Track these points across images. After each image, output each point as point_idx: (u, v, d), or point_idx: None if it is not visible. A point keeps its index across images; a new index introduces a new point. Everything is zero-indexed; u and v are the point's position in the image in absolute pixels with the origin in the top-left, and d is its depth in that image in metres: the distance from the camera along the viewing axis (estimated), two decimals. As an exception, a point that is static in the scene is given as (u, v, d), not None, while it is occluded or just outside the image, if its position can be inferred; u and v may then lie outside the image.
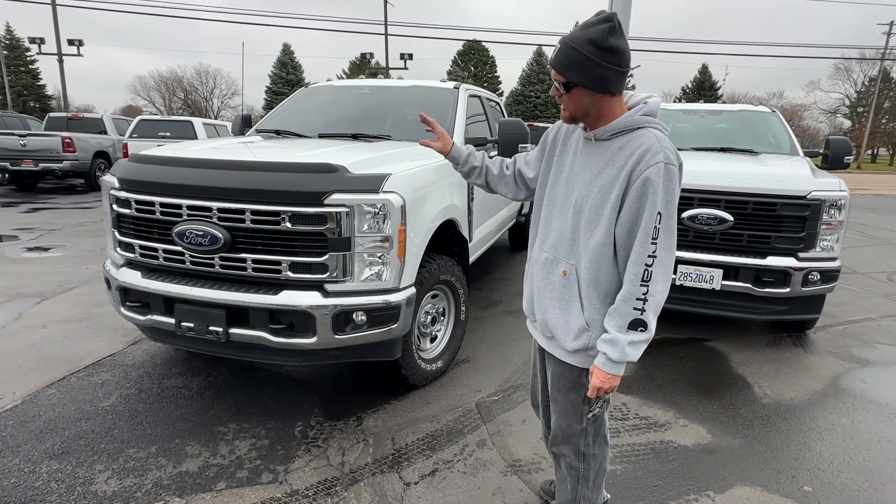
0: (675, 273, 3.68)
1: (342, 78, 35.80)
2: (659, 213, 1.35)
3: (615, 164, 1.42)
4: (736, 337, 3.99)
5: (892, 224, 10.51)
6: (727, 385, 3.23)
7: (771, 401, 3.04)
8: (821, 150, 4.75)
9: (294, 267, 2.42)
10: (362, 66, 33.72)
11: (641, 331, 1.39)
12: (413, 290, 2.66)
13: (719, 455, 2.49)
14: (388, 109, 4.04)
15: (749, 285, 3.56)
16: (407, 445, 2.50)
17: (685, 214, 3.62)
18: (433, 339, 3.21)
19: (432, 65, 69.99)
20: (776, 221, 3.53)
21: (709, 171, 3.80)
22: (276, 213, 2.36)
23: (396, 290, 2.56)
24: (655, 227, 1.35)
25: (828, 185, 3.53)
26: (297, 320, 2.44)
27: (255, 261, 2.44)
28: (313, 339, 2.42)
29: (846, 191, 3.52)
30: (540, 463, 2.40)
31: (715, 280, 3.60)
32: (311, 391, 3.01)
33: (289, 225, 2.35)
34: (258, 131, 4.00)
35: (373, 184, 2.44)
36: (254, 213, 2.38)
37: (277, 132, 3.84)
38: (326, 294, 2.42)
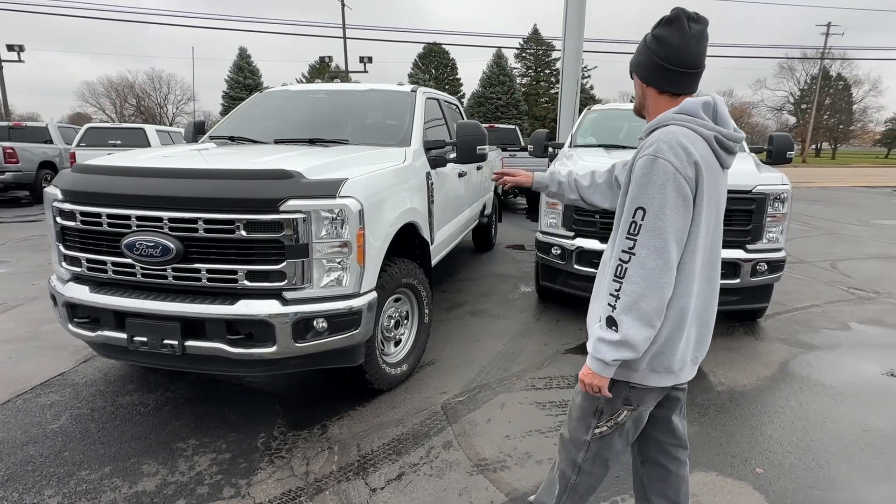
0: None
1: (302, 82, 35.26)
2: (641, 208, 1.27)
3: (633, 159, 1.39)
4: (692, 328, 4.13)
5: (836, 215, 11.08)
6: (684, 375, 3.33)
7: (725, 388, 3.16)
8: (765, 146, 4.97)
9: (251, 276, 2.38)
10: (322, 69, 33.31)
11: (613, 330, 1.31)
12: (374, 294, 2.65)
13: (677, 443, 2.57)
14: (346, 114, 4.01)
15: (702, 278, 3.69)
16: (373, 451, 2.49)
17: (640, 211, 3.73)
18: (397, 343, 3.21)
19: (393, 68, 69.80)
20: (725, 215, 3.66)
21: (661, 169, 3.93)
22: (231, 222, 2.31)
23: (357, 295, 2.54)
24: (634, 222, 1.28)
25: (771, 179, 3.70)
26: (256, 330, 2.39)
27: (209, 271, 2.38)
28: (273, 349, 2.38)
29: (788, 184, 3.69)
30: (505, 461, 2.42)
31: (670, 274, 3.71)
32: (273, 401, 2.96)
33: (244, 233, 2.31)
34: (211, 138, 3.91)
35: (329, 189, 2.42)
36: (207, 221, 2.32)
37: (232, 138, 3.76)
38: (285, 302, 2.39)
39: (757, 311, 4.18)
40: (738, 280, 3.66)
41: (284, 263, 2.35)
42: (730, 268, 3.66)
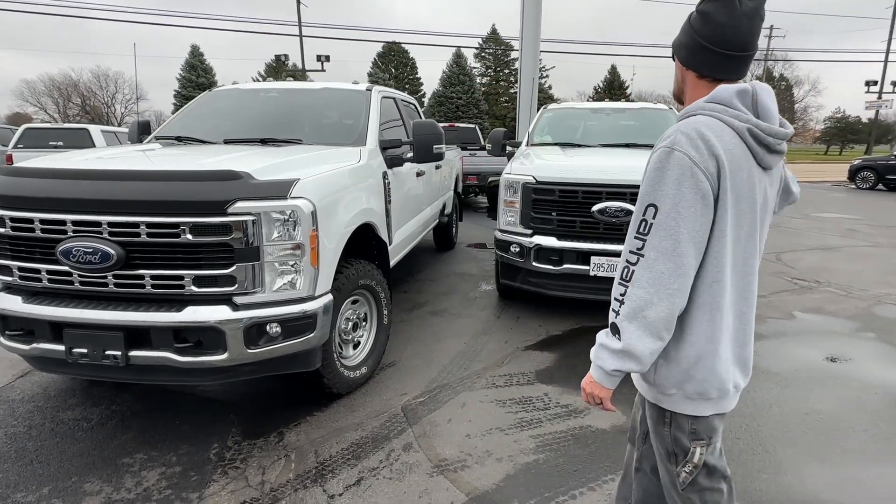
0: (589, 265, 3.86)
1: (258, 81, 34.46)
2: (653, 205, 1.12)
3: None
4: (647, 321, 4.24)
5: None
6: (640, 367, 3.41)
7: (678, 379, 3.25)
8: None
9: (198, 281, 2.28)
10: (278, 68, 32.62)
11: (616, 338, 1.16)
12: (330, 297, 2.60)
13: (633, 434, 2.63)
14: (299, 113, 3.92)
15: (655, 272, 3.79)
16: (331, 457, 2.44)
17: (595, 208, 3.80)
18: (356, 346, 3.16)
19: (352, 67, 69.07)
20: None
21: (615, 166, 4.02)
22: (175, 226, 2.21)
23: (312, 298, 2.49)
24: (645, 220, 1.13)
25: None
26: (205, 337, 2.31)
27: (154, 277, 2.28)
28: (224, 356, 2.30)
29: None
30: (466, 460, 2.41)
31: (625, 269, 3.79)
32: (227, 410, 2.86)
33: (190, 237, 2.22)
34: (157, 138, 3.75)
35: (280, 190, 2.36)
36: (150, 225, 2.22)
37: (179, 139, 3.62)
38: (236, 307, 2.31)
39: (708, 303, 4.32)
40: (689, 273, 3.77)
41: (234, 267, 2.27)
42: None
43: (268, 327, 2.36)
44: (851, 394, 3.06)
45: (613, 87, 45.30)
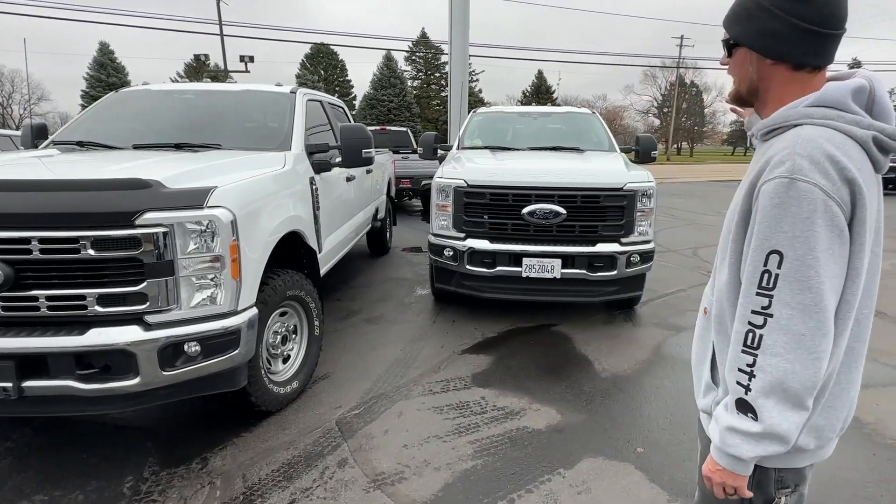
0: (521, 266, 3.92)
1: (176, 81, 32.56)
2: (776, 252, 0.91)
3: (751, 173, 1.01)
4: (578, 319, 4.37)
5: (694, 207, 12.42)
6: (572, 365, 3.51)
7: (609, 374, 3.36)
8: (633, 147, 5.41)
9: (104, 300, 2.09)
10: (198, 68, 31.00)
11: (751, 418, 0.96)
12: (255, 310, 2.46)
13: (568, 433, 2.68)
14: (218, 116, 3.71)
15: (584, 271, 3.92)
16: (260, 480, 2.30)
17: (525, 210, 3.87)
18: (286, 360, 3.02)
19: (279, 68, 66.92)
20: (601, 212, 3.93)
21: (543, 169, 4.11)
22: (74, 240, 2.01)
23: (235, 313, 2.34)
24: (768, 271, 0.92)
25: (639, 177, 4.01)
26: (114, 361, 2.11)
27: (50, 298, 2.06)
28: (136, 381, 2.11)
29: (653, 181, 4.03)
30: (403, 472, 2.36)
31: (555, 269, 3.89)
32: (143, 437, 2.64)
33: (92, 252, 2.02)
34: (55, 143, 3.42)
35: (195, 198, 2.20)
36: (43, 241, 2.00)
37: (81, 144, 3.32)
38: (148, 327, 2.13)
39: (633, 300, 4.52)
40: (615, 272, 3.93)
41: (145, 284, 2.09)
42: (608, 260, 3.92)
43: (186, 346, 2.20)
44: (762, 379, 3.29)
45: (541, 92, 46.80)
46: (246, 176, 2.62)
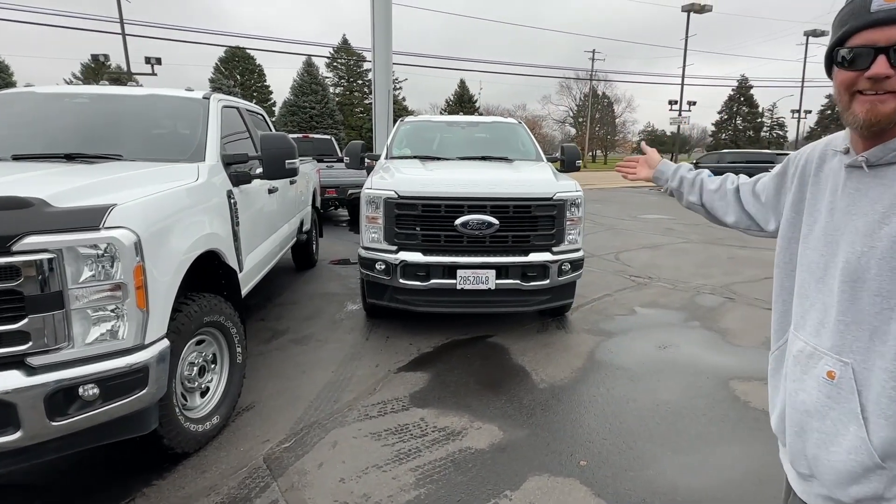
0: (455, 278, 3.84)
1: (72, 83, 29.74)
2: None
3: None
4: (512, 329, 4.36)
5: (612, 212, 13.05)
6: (510, 377, 3.47)
7: (547, 385, 3.35)
8: (558, 156, 5.52)
9: (-27, 342, 1.75)
10: (97, 69, 28.54)
11: None
12: (166, 342, 2.19)
13: (511, 451, 2.62)
14: (119, 123, 3.32)
15: (518, 281, 3.91)
16: (176, 536, 2.04)
17: (458, 221, 3.80)
18: (204, 393, 2.73)
19: (190, 71, 63.32)
20: (532, 222, 3.94)
21: (474, 180, 4.07)
22: (-69, 272, 1.67)
23: (141, 347, 2.06)
24: None
25: (567, 186, 4.07)
26: (-12, 414, 1.77)
27: None
28: (17, 435, 1.79)
29: (581, 190, 4.11)
30: (341, 510, 2.18)
31: (490, 280, 3.85)
32: (30, 497, 2.26)
33: (-45, 286, 1.69)
34: (-88, 153, 2.90)
35: (89, 219, 1.91)
36: None
37: (-55, 154, 2.84)
38: (32, 371, 1.82)
39: (565, 307, 4.58)
40: (547, 281, 3.95)
41: (26, 321, 1.78)
42: (540, 270, 3.94)
43: (81, 390, 1.90)
44: (689, 380, 3.42)
45: (463, 101, 47.53)
46: (152, 191, 2.33)
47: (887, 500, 0.93)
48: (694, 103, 34.11)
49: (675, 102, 33.53)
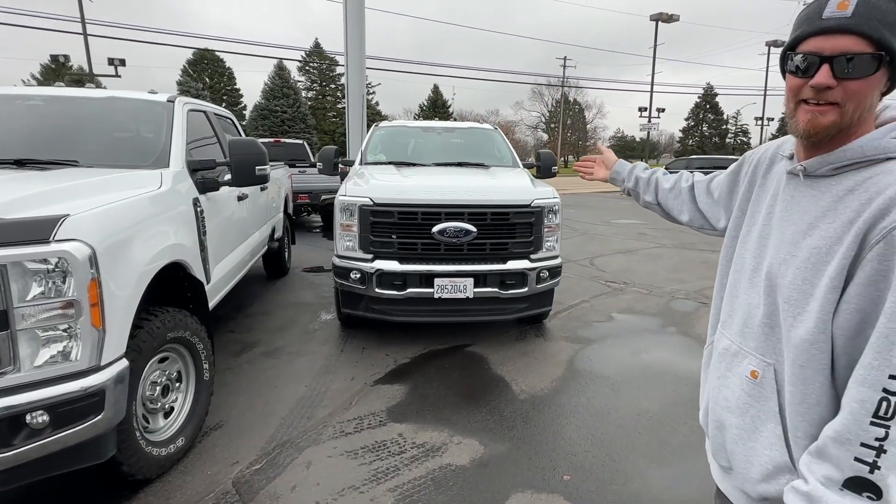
0: (433, 287, 3.75)
1: (30, 85, 28.61)
2: None
3: (841, 213, 0.90)
4: (491, 338, 4.29)
5: (586, 217, 13.17)
6: (490, 388, 3.39)
7: (527, 396, 3.29)
8: (534, 162, 5.50)
9: None
10: (58, 70, 27.51)
11: (869, 498, 0.82)
12: (125, 362, 2.04)
13: (493, 466, 2.54)
14: (75, 127, 3.13)
15: (496, 289, 3.85)
16: (136, 572, 1.89)
17: (435, 229, 3.72)
18: (168, 414, 2.57)
19: (156, 74, 61.71)
20: (510, 229, 3.89)
21: (451, 186, 4.00)
22: None
23: (97, 368, 1.91)
24: None
25: (545, 193, 4.04)
26: (-80, 448, 1.61)
27: None
28: (-46, 470, 1.63)
29: (558, 197, 4.08)
30: (316, 537, 2.06)
31: (468, 289, 3.78)
32: (-27, 534, 2.08)
33: None
34: None
35: (38, 231, 1.76)
36: None
37: None
38: (-28, 398, 1.65)
39: (543, 314, 4.54)
40: (526, 288, 3.90)
41: (-35, 343, 1.62)
42: (519, 277, 3.89)
43: (28, 418, 1.74)
44: (668, 388, 3.41)
45: (437, 106, 47.63)
46: (110, 199, 2.18)
47: (771, 500, 0.98)
48: (663, 110, 34.94)
49: (645, 109, 34.27)
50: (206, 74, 41.53)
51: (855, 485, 0.83)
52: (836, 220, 0.89)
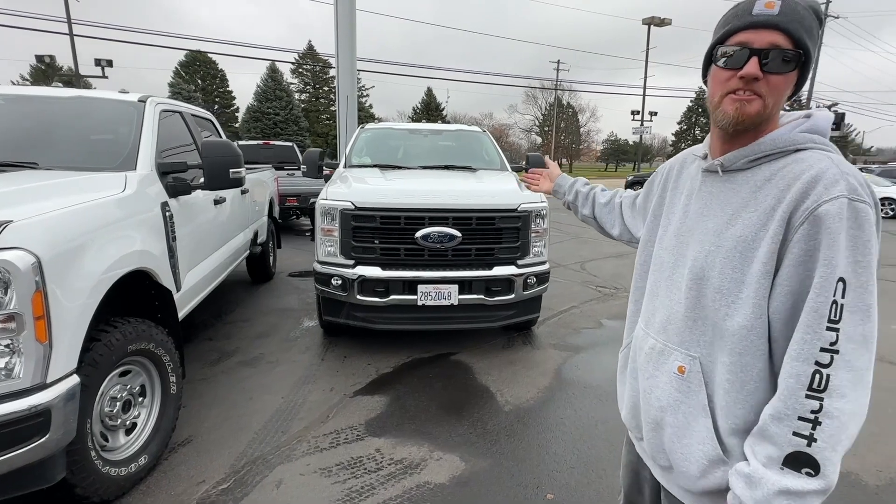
0: (416, 294, 3.63)
1: (19, 85, 28.22)
2: (842, 279, 0.84)
3: (761, 202, 0.94)
4: (476, 345, 4.18)
5: (577, 220, 13.06)
6: (474, 400, 3.27)
7: (512, 407, 3.17)
8: (523, 165, 5.40)
9: None
10: (47, 72, 27.20)
11: (808, 474, 0.84)
12: (75, 379, 1.90)
13: (473, 484, 2.41)
14: (36, 128, 2.99)
15: (482, 296, 3.73)
16: None
17: (419, 234, 3.60)
18: (130, 430, 2.43)
19: (146, 75, 61.28)
20: (496, 234, 3.78)
21: (436, 190, 3.88)
22: None
23: (43, 386, 1.78)
24: (834, 302, 0.84)
25: (532, 197, 3.93)
26: None
27: None
28: None
29: (546, 201, 3.97)
30: (281, 564, 1.93)
31: (453, 296, 3.66)
32: (-90, 564, 1.93)
33: None
34: None
35: (-25, 239, 1.63)
36: None
37: None
38: None
39: (531, 321, 4.43)
40: (512, 295, 3.79)
41: None
42: (505, 284, 3.77)
43: (-37, 441, 1.61)
44: (658, 398, 3.29)
45: (431, 109, 47.55)
46: (62, 204, 2.05)
47: (713, 494, 1.00)
48: (655, 114, 34.96)
49: (637, 112, 34.31)
50: (199, 76, 41.27)
51: (794, 461, 0.85)
52: (758, 209, 0.94)
